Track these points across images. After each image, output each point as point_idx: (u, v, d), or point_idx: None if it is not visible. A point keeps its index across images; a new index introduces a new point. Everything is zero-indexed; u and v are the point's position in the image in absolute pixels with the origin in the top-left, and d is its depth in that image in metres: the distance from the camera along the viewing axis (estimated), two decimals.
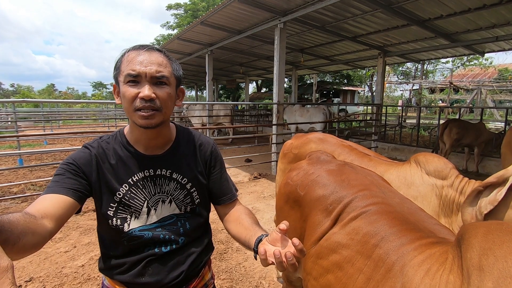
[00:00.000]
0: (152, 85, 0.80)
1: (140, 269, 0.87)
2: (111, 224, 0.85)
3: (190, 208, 0.95)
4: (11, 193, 4.32)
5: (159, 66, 0.82)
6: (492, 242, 0.56)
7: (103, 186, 0.85)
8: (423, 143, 8.48)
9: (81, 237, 3.00)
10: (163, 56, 0.84)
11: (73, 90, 46.32)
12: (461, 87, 17.00)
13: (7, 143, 9.45)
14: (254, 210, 3.79)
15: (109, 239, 0.90)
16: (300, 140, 2.18)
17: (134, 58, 0.80)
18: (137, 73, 0.79)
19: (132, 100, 0.80)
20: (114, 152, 0.88)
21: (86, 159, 0.85)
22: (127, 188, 0.87)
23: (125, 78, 0.80)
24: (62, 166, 0.83)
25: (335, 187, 1.08)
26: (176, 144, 0.95)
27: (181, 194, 0.93)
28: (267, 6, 5.11)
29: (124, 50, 0.85)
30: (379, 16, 5.54)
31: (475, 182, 1.46)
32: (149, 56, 0.81)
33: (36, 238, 0.61)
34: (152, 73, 0.80)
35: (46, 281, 2.25)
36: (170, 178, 0.92)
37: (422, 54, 8.41)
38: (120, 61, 0.83)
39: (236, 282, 2.28)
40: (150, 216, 0.89)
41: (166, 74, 0.83)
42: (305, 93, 21.75)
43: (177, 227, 0.92)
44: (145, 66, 0.80)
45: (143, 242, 0.88)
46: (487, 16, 5.25)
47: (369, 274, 0.77)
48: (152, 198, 0.89)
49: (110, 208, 0.85)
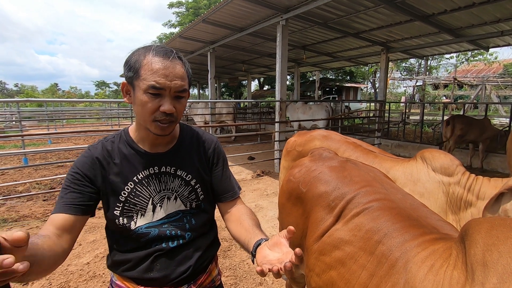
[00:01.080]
0: (172, 99, 0.82)
1: (148, 264, 0.88)
2: (118, 223, 0.87)
3: (195, 204, 0.96)
4: (16, 191, 4.37)
5: (182, 80, 0.82)
6: (496, 238, 0.56)
7: (108, 187, 0.86)
8: (427, 139, 8.42)
9: (86, 235, 3.03)
10: (182, 65, 0.83)
11: (76, 89, 46.55)
12: (465, 83, 16.82)
13: (12, 143, 9.55)
14: (257, 207, 3.80)
15: (117, 236, 0.91)
16: (303, 137, 2.17)
17: (159, 69, 0.78)
18: (162, 87, 0.78)
19: (152, 112, 0.80)
20: (118, 151, 0.89)
21: (89, 164, 0.86)
22: (132, 186, 0.87)
23: (147, 87, 0.78)
24: (68, 177, 0.84)
25: (337, 184, 1.08)
26: (180, 142, 0.96)
27: (186, 191, 0.94)
28: (269, 3, 5.09)
29: (142, 49, 0.82)
30: (382, 12, 5.49)
31: (483, 179, 1.45)
32: (173, 68, 0.80)
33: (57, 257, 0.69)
34: (176, 88, 0.80)
35: (52, 278, 2.28)
36: (174, 175, 0.92)
37: (426, 50, 8.33)
38: (140, 65, 0.79)
39: (240, 279, 2.29)
40: (156, 213, 0.90)
41: (186, 87, 0.84)
42: (307, 90, 21.68)
43: (183, 223, 0.93)
44: (170, 80, 0.79)
45: (150, 239, 0.89)
46: (492, 10, 5.18)
47: (372, 270, 0.77)
48: (157, 195, 0.90)
49: (116, 208, 0.86)
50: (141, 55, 0.80)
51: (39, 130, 10.94)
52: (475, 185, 1.43)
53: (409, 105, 17.03)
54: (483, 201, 1.37)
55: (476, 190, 1.42)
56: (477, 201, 1.40)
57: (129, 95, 0.86)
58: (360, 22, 6.17)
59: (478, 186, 1.42)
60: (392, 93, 23.39)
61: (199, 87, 20.72)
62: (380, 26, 6.38)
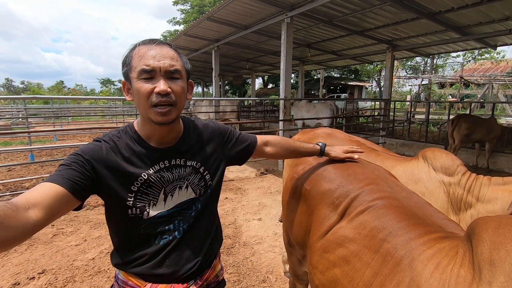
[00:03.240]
0: (166, 80, 0.81)
1: (158, 260, 0.88)
2: (130, 213, 0.85)
3: (203, 191, 0.98)
4: (23, 188, 4.42)
5: (172, 60, 0.82)
6: (504, 236, 0.55)
7: (118, 177, 0.84)
8: (432, 138, 8.34)
9: (91, 231, 3.06)
10: (173, 50, 0.84)
11: (82, 87, 46.76)
12: (471, 82, 16.63)
13: (19, 139, 9.65)
14: (261, 205, 3.81)
15: (124, 230, 0.90)
16: (307, 135, 2.17)
17: (146, 53, 0.79)
18: (152, 68, 0.78)
19: (148, 95, 0.79)
20: (127, 146, 0.88)
21: (97, 151, 0.83)
22: (146, 177, 0.86)
23: (138, 74, 0.79)
24: (70, 157, 0.80)
25: (342, 181, 1.07)
26: (186, 134, 0.97)
27: (196, 178, 0.96)
28: (274, 1, 5.07)
29: (132, 45, 0.84)
30: (388, 9, 5.44)
31: (482, 179, 1.43)
32: (160, 50, 0.81)
33: (10, 233, 0.56)
34: (166, 67, 0.80)
35: (58, 273, 2.31)
36: (184, 166, 0.94)
37: (432, 48, 8.24)
38: (130, 57, 0.82)
39: (243, 276, 2.30)
40: (167, 202, 0.91)
41: (179, 68, 0.83)
42: (312, 89, 21.58)
43: (191, 211, 0.95)
44: (158, 60, 0.79)
45: (160, 231, 0.89)
46: (500, 8, 5.10)
47: (376, 268, 0.77)
48: (169, 186, 0.91)
49: (128, 198, 0.85)
50: (131, 50, 0.83)
51: (45, 127, 11.04)
52: (474, 186, 1.42)
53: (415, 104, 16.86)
54: (483, 203, 1.36)
55: (476, 192, 1.40)
56: (477, 203, 1.39)
57: (129, 92, 0.86)
58: (365, 20, 6.12)
59: (478, 188, 1.41)
60: (397, 91, 23.19)
61: (203, 85, 20.74)
62: (386, 24, 6.31)
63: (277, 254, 2.61)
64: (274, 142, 1.18)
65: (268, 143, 1.17)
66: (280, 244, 2.77)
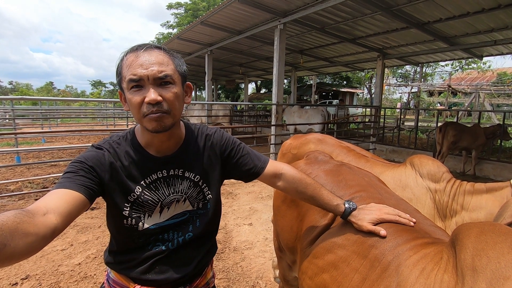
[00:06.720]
0: (156, 87, 0.77)
1: (147, 266, 0.87)
2: (126, 223, 0.85)
3: (202, 204, 0.95)
4: (8, 190, 4.30)
5: (161, 65, 0.77)
6: (485, 243, 0.57)
7: (117, 186, 0.83)
8: (421, 145, 8.51)
9: (78, 236, 2.99)
10: (163, 54, 0.80)
11: (72, 89, 45.96)
12: (459, 91, 17.05)
13: (5, 141, 9.42)
14: (251, 210, 3.80)
15: (120, 236, 0.90)
16: (299, 140, 2.19)
17: (133, 62, 0.77)
18: (139, 77, 0.75)
19: (138, 106, 0.77)
20: (126, 154, 0.86)
21: (98, 158, 0.82)
22: (140, 189, 0.85)
23: (128, 84, 0.77)
24: (74, 164, 0.79)
25: (332, 187, 1.08)
26: (186, 142, 0.94)
27: (194, 192, 0.93)
28: (267, 7, 5.13)
29: (123, 53, 0.81)
30: (378, 19, 5.57)
31: (466, 185, 1.47)
32: (148, 56, 0.77)
33: (30, 239, 0.55)
34: (154, 75, 0.76)
35: (42, 279, 2.25)
36: (182, 177, 0.91)
37: (421, 57, 8.45)
38: (121, 67, 0.80)
39: (233, 282, 2.28)
40: (163, 214, 0.89)
41: (169, 73, 0.79)
42: (304, 94, 21.78)
43: (188, 224, 0.93)
44: (146, 68, 0.76)
45: (154, 239, 0.88)
46: (486, 20, 5.29)
47: (364, 273, 0.78)
48: (167, 199, 0.89)
49: (125, 208, 0.84)
50: (121, 59, 0.81)
51: (33, 128, 10.81)
52: (459, 193, 1.45)
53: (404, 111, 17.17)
54: (467, 212, 1.39)
55: (461, 200, 1.43)
56: (462, 211, 1.42)
57: (126, 102, 0.84)
58: (357, 28, 6.25)
59: (462, 195, 1.44)
60: (387, 99, 23.59)
61: (196, 88, 20.71)
62: (376, 33, 6.46)
63: (267, 259, 2.60)
64: (289, 179, 0.98)
65: (281, 177, 0.99)
66: (271, 249, 2.76)
